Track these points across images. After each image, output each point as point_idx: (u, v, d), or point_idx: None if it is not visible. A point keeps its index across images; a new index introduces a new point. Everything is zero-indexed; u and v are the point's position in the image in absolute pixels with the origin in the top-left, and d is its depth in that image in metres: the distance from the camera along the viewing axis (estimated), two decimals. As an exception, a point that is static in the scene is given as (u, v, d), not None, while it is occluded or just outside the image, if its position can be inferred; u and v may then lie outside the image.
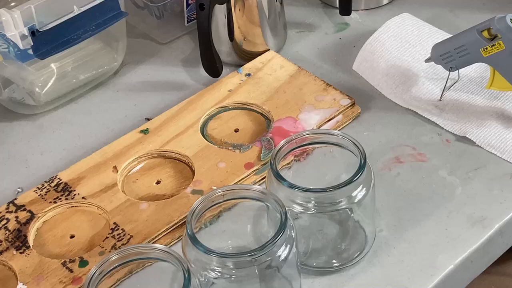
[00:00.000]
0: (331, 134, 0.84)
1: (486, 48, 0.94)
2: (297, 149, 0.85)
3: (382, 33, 1.08)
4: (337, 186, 0.79)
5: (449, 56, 0.97)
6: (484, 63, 0.96)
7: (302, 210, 0.80)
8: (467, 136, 0.96)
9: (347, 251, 0.85)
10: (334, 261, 0.84)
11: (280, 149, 0.83)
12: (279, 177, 0.80)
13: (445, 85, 1.01)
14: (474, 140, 0.95)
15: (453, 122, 0.98)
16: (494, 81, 0.97)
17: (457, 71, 0.99)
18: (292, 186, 0.79)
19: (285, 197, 0.80)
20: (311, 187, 0.80)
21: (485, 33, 0.93)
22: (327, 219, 0.83)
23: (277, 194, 0.79)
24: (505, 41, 0.92)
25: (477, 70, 1.03)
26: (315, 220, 0.83)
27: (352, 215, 0.83)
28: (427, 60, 1.01)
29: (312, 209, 0.80)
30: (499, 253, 0.92)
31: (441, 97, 1.01)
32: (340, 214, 0.82)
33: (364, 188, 0.81)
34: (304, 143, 0.85)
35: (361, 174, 0.80)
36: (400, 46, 1.07)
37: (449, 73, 0.99)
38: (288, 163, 0.92)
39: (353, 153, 0.82)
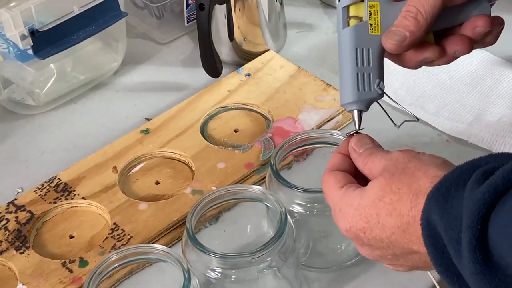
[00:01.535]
0: (331, 134, 0.84)
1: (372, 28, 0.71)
2: (297, 149, 0.85)
3: None
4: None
5: (362, 77, 0.70)
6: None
7: (302, 210, 0.80)
8: (459, 136, 0.96)
9: (346, 251, 0.85)
10: (334, 261, 0.84)
11: (280, 149, 0.83)
12: (279, 177, 0.80)
13: (387, 114, 0.76)
14: (467, 139, 0.96)
15: (450, 122, 0.98)
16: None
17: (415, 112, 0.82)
18: (292, 186, 0.79)
19: (285, 197, 0.80)
20: (311, 188, 0.80)
21: (352, 10, 0.70)
22: (327, 219, 0.83)
23: (277, 194, 0.79)
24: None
25: (468, 68, 1.04)
26: (315, 220, 0.83)
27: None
28: (345, 106, 0.73)
29: (312, 209, 0.80)
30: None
31: (399, 125, 0.75)
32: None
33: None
34: (304, 143, 0.85)
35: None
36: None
37: (391, 98, 0.75)
38: (288, 163, 0.92)
39: None
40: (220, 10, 1.07)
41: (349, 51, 0.69)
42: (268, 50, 1.11)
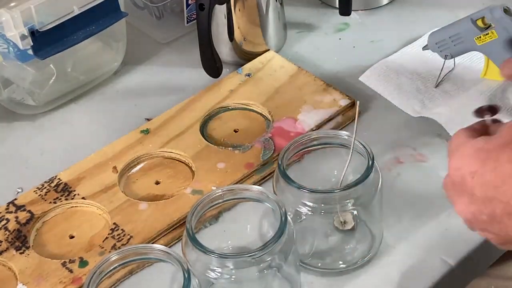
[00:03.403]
0: (339, 135, 0.84)
1: (480, 37, 0.96)
2: (304, 150, 0.85)
3: (404, 54, 1.08)
4: (344, 187, 0.79)
5: (445, 44, 0.99)
6: (479, 52, 0.98)
7: (309, 211, 0.80)
8: None
9: (352, 253, 0.85)
10: (339, 262, 0.84)
11: (287, 149, 0.82)
12: (287, 178, 0.79)
13: (440, 73, 1.02)
14: None
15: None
16: (488, 70, 0.99)
17: (452, 60, 1.01)
18: (299, 187, 0.79)
19: (292, 198, 0.80)
20: (319, 188, 0.80)
21: (479, 22, 0.96)
22: (333, 220, 0.83)
23: (284, 195, 0.79)
24: (498, 30, 0.95)
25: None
26: (321, 221, 0.83)
27: (359, 216, 0.83)
28: (424, 48, 1.03)
29: (319, 210, 0.80)
30: (499, 253, 0.92)
31: (436, 85, 1.02)
32: (347, 216, 0.82)
33: (372, 190, 0.81)
34: (311, 144, 0.85)
35: (369, 176, 0.79)
36: (417, 67, 1.07)
37: (444, 61, 1.01)
38: (291, 163, 0.91)
39: (361, 154, 0.81)
40: (220, 10, 1.07)
41: None
42: (268, 50, 1.11)
